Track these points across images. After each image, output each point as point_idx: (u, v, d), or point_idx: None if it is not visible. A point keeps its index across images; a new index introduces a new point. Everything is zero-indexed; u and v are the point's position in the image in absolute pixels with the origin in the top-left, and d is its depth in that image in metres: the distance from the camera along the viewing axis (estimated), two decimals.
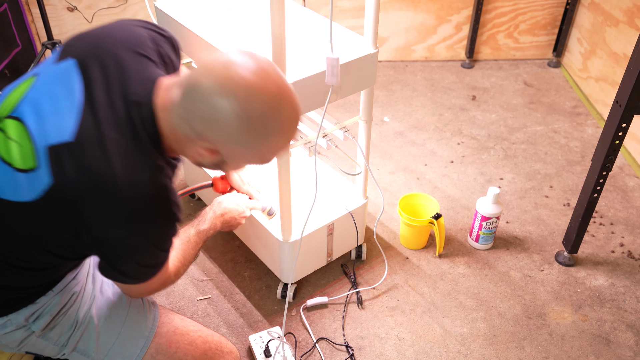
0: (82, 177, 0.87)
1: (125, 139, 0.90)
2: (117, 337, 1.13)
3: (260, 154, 0.94)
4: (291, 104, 0.90)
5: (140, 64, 0.96)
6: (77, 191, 0.88)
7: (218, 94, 0.85)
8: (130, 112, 0.91)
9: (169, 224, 0.98)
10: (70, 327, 1.10)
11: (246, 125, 0.86)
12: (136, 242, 0.94)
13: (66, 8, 2.73)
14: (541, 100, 2.65)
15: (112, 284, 1.19)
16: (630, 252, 1.85)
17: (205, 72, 0.87)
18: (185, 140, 0.93)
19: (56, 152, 0.88)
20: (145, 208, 0.91)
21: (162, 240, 1.00)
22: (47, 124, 0.90)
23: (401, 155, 2.29)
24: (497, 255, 1.84)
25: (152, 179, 0.92)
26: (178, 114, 0.90)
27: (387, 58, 2.95)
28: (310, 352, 1.54)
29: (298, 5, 1.62)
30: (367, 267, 1.79)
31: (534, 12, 2.81)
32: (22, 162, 0.91)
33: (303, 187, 1.71)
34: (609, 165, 1.58)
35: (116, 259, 0.97)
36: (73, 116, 0.89)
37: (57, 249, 0.97)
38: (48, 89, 0.94)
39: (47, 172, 0.88)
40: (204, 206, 1.97)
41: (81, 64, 0.94)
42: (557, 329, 1.61)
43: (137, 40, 1.00)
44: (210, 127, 0.87)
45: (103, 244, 0.93)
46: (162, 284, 1.11)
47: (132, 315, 1.16)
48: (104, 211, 0.89)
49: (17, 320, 1.04)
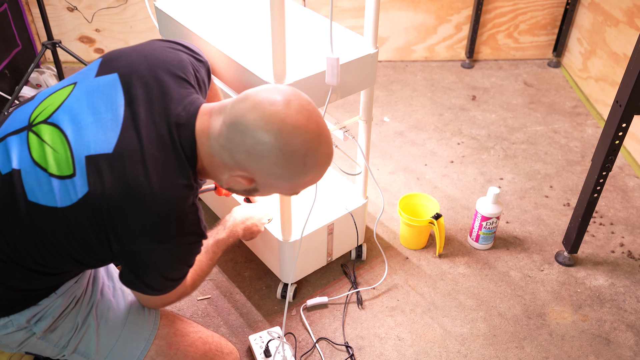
0: (119, 189, 0.90)
1: (165, 157, 0.93)
2: (117, 340, 1.13)
3: (293, 187, 0.98)
4: (328, 143, 0.96)
5: (181, 88, 1.01)
6: (112, 202, 0.90)
7: (263, 129, 0.89)
8: (171, 132, 0.95)
9: (197, 242, 1.01)
10: (71, 329, 1.10)
11: (287, 160, 0.91)
12: (165, 257, 0.97)
13: (66, 8, 2.73)
14: (541, 100, 2.65)
15: (112, 286, 1.19)
16: (630, 252, 1.85)
17: (252, 108, 0.91)
18: (222, 167, 0.96)
19: (95, 162, 0.91)
20: (177, 225, 0.94)
21: (189, 256, 1.04)
22: (87, 134, 0.92)
23: (401, 155, 2.29)
24: (497, 255, 1.84)
25: (186, 197, 0.95)
26: (219, 143, 0.94)
27: (387, 58, 2.95)
28: (310, 352, 1.54)
29: (298, 5, 1.62)
30: (367, 267, 1.79)
31: (534, 12, 2.81)
32: (57, 168, 0.92)
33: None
34: (609, 165, 1.58)
35: (143, 271, 0.99)
36: (115, 130, 0.92)
37: (81, 256, 0.98)
38: (88, 100, 0.96)
39: (83, 181, 0.90)
40: (204, 206, 1.97)
41: (124, 81, 0.97)
42: (557, 329, 1.61)
43: (180, 65, 1.05)
44: (252, 159, 0.92)
45: (132, 255, 0.96)
46: (179, 296, 1.14)
47: (133, 317, 1.16)
48: (138, 224, 0.91)
49: (18, 322, 1.05)
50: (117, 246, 0.93)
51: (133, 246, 0.93)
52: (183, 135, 0.95)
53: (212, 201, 1.89)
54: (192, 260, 1.06)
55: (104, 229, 0.92)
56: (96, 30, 2.82)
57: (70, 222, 0.92)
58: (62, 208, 0.92)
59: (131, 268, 1.00)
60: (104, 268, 1.23)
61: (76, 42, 2.84)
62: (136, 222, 0.91)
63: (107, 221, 0.91)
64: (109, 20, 2.79)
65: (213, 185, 1.52)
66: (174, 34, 1.56)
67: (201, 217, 1.01)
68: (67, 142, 0.93)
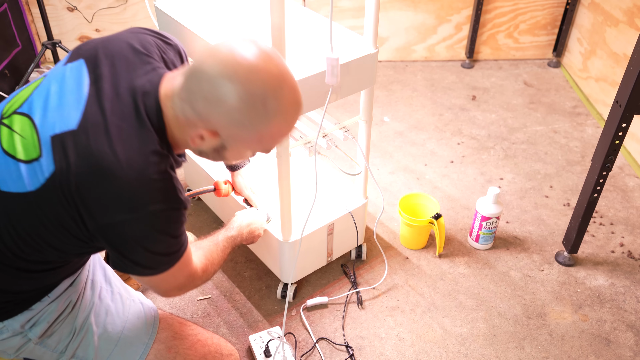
0: (84, 162, 0.89)
1: (129, 126, 0.92)
2: (116, 344, 1.13)
3: (259, 137, 0.93)
4: (292, 88, 0.92)
5: (146, 63, 1.00)
6: (78, 176, 0.89)
7: (220, 73, 0.87)
8: (136, 102, 0.94)
9: (173, 209, 0.97)
10: (68, 334, 1.09)
11: (246, 104, 0.88)
12: (141, 227, 0.93)
13: (66, 8, 2.73)
14: (541, 100, 2.65)
15: (110, 290, 1.18)
16: (630, 252, 1.85)
17: (209, 55, 0.90)
18: (187, 125, 0.94)
19: (60, 140, 0.90)
20: (147, 192, 0.91)
21: (168, 225, 0.98)
22: (53, 116, 0.92)
23: (401, 155, 2.29)
24: (497, 255, 1.84)
25: (154, 162, 0.93)
26: (180, 97, 0.92)
27: (387, 58, 2.95)
28: (310, 352, 1.54)
29: (298, 5, 1.62)
30: (367, 267, 1.79)
31: (534, 12, 2.81)
32: (24, 153, 0.92)
33: (303, 187, 1.71)
34: (609, 165, 1.58)
35: (124, 247, 0.96)
36: (79, 107, 0.92)
37: (59, 241, 0.96)
38: (55, 86, 0.96)
39: (50, 160, 0.90)
40: (204, 206, 1.98)
41: (90, 62, 0.98)
42: (557, 329, 1.61)
43: (144, 45, 1.04)
44: (212, 106, 0.89)
45: (108, 230, 0.92)
46: (188, 277, 1.09)
47: (131, 321, 1.15)
48: (106, 195, 0.89)
49: (12, 327, 1.04)
50: (91, 221, 0.91)
51: (106, 219, 0.91)
52: (148, 103, 0.94)
53: (212, 202, 1.89)
54: (174, 231, 1.00)
55: (75, 206, 0.90)
56: (96, 30, 2.82)
57: (42, 205, 0.91)
58: (32, 192, 0.91)
59: (113, 246, 0.96)
60: (102, 272, 1.21)
61: (76, 42, 2.84)
62: (105, 193, 0.89)
63: (76, 197, 0.89)
64: (109, 20, 2.79)
65: (212, 187, 1.53)
66: (174, 34, 1.56)
67: (177, 186, 0.97)
68: (34, 127, 0.93)
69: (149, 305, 1.21)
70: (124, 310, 1.16)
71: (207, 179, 1.76)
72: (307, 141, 1.45)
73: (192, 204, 2.01)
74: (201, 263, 1.16)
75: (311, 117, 1.54)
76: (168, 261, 1.02)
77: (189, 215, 1.96)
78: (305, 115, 1.53)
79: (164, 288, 1.09)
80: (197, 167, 1.82)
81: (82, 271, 1.15)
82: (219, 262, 1.26)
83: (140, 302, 1.21)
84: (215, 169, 1.75)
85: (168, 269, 1.02)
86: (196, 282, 1.14)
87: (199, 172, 1.82)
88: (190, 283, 1.12)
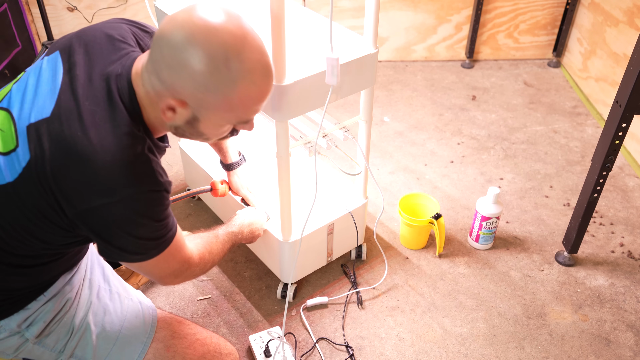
0: (58, 148, 0.89)
1: (102, 109, 0.91)
2: (114, 343, 1.13)
3: (228, 103, 0.90)
4: (256, 47, 0.89)
5: (122, 50, 0.99)
6: (53, 162, 0.89)
7: (180, 38, 0.85)
8: (109, 85, 0.93)
9: (152, 191, 0.95)
10: (66, 333, 1.09)
11: (209, 67, 0.86)
12: (121, 211, 0.91)
13: (66, 8, 2.73)
14: (541, 100, 2.65)
15: (109, 289, 1.18)
16: (630, 252, 1.85)
17: (169, 21, 0.88)
18: (157, 98, 0.92)
19: (35, 129, 0.90)
20: (123, 174, 0.90)
21: (149, 208, 0.95)
22: (28, 107, 0.93)
23: (401, 155, 2.29)
24: (497, 255, 1.84)
25: (128, 145, 0.91)
26: (147, 70, 0.91)
27: (387, 58, 2.95)
28: (310, 352, 1.54)
29: (298, 5, 1.62)
30: (367, 267, 1.79)
31: (534, 12, 2.81)
32: (3, 146, 0.93)
33: (303, 187, 1.71)
34: (609, 165, 1.58)
35: (107, 233, 0.94)
36: (53, 97, 0.92)
37: (42, 231, 0.95)
38: (33, 79, 0.97)
39: (25, 149, 0.90)
40: (204, 206, 1.98)
41: (65, 52, 0.98)
42: (557, 329, 1.61)
43: (119, 33, 1.03)
44: (176, 73, 0.87)
45: (89, 216, 0.91)
46: (182, 263, 1.08)
47: (130, 320, 1.15)
48: (82, 180, 0.89)
49: (9, 327, 1.03)
50: (70, 208, 0.90)
51: (84, 204, 0.90)
52: (120, 85, 0.94)
53: (212, 202, 1.89)
54: (158, 215, 0.97)
55: (52, 193, 0.90)
56: None
57: (21, 195, 0.91)
58: (11, 182, 0.91)
59: (96, 233, 0.94)
60: (100, 271, 1.20)
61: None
62: (80, 178, 0.88)
63: (52, 183, 0.89)
64: None
65: (209, 187, 1.53)
66: None
67: (157, 169, 0.95)
68: (12, 120, 0.93)
69: (147, 304, 1.21)
70: (122, 310, 1.16)
71: (206, 178, 1.76)
72: (307, 141, 1.45)
73: (192, 204, 2.01)
74: (198, 251, 1.14)
75: (311, 117, 1.55)
76: (156, 246, 1.00)
77: (189, 215, 1.96)
78: (305, 115, 1.53)
79: (158, 274, 1.07)
80: (196, 167, 1.82)
81: (78, 269, 1.14)
82: (219, 254, 1.24)
83: (139, 301, 1.20)
84: (215, 169, 1.75)
85: (158, 254, 1.00)
86: (193, 269, 1.12)
87: (198, 171, 1.82)
88: (187, 270, 1.10)
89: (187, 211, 1.97)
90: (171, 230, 1.02)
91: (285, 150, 1.34)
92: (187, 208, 1.99)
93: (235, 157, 1.55)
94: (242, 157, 1.56)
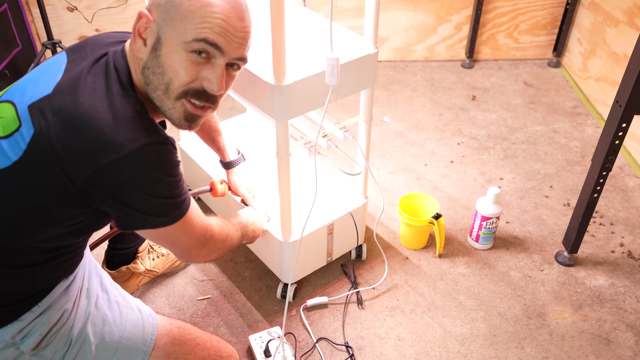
0: (61, 116, 0.90)
1: (101, 80, 0.95)
2: (114, 353, 1.11)
3: (184, 12, 0.93)
4: None
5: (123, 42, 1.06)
6: (57, 129, 0.90)
7: None
8: (107, 59, 0.98)
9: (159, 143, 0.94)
10: (64, 345, 1.07)
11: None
12: (131, 166, 0.91)
13: (66, 8, 2.73)
14: (541, 100, 2.65)
15: (107, 299, 1.16)
16: (630, 252, 1.85)
17: None
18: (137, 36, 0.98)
19: (37, 106, 0.92)
20: (127, 129, 0.91)
21: (160, 162, 0.95)
22: (29, 92, 0.95)
23: (401, 155, 2.29)
24: (497, 255, 1.84)
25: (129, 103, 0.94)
26: None
27: (387, 58, 2.95)
28: (310, 352, 1.54)
29: (298, 5, 1.62)
30: (367, 267, 1.79)
31: (534, 12, 2.81)
32: (3, 130, 0.94)
33: (303, 187, 1.71)
34: (609, 165, 1.58)
35: (122, 194, 0.93)
36: (55, 79, 0.95)
37: (48, 213, 0.94)
38: (36, 74, 1.00)
39: (29, 125, 0.91)
40: (204, 206, 1.97)
41: (71, 50, 1.03)
42: (557, 329, 1.61)
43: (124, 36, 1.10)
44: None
45: (99, 178, 0.90)
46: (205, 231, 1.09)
47: (129, 329, 1.14)
48: (88, 139, 0.89)
49: (3, 338, 1.01)
50: (80, 173, 0.90)
51: (94, 165, 0.89)
52: (116, 58, 0.99)
53: (212, 202, 1.89)
54: (171, 170, 0.97)
55: (59, 162, 0.90)
56: (96, 30, 2.82)
57: (27, 172, 0.92)
58: (17, 161, 0.92)
59: (109, 195, 0.92)
60: (98, 280, 1.18)
61: (76, 42, 2.84)
62: (86, 139, 0.89)
63: (59, 151, 0.89)
64: (109, 20, 2.79)
65: (209, 187, 1.53)
66: None
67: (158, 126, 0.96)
68: (14, 106, 0.95)
69: (147, 311, 1.20)
70: (122, 319, 1.14)
71: (205, 178, 1.76)
72: (307, 141, 1.45)
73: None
74: (215, 222, 1.16)
75: (311, 117, 1.55)
76: (177, 206, 0.99)
77: None
78: (305, 115, 1.53)
79: (185, 244, 1.07)
80: (196, 167, 1.82)
81: (75, 279, 1.12)
82: (234, 232, 1.26)
83: (139, 309, 1.19)
84: (215, 169, 1.76)
85: (180, 216, 1.00)
86: (215, 240, 1.13)
87: (198, 172, 1.82)
88: (210, 239, 1.11)
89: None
90: (186, 193, 1.03)
91: (285, 150, 1.34)
92: None
93: (234, 155, 1.55)
94: (241, 155, 1.56)
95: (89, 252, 1.22)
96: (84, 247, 1.12)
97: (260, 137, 1.93)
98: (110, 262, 1.61)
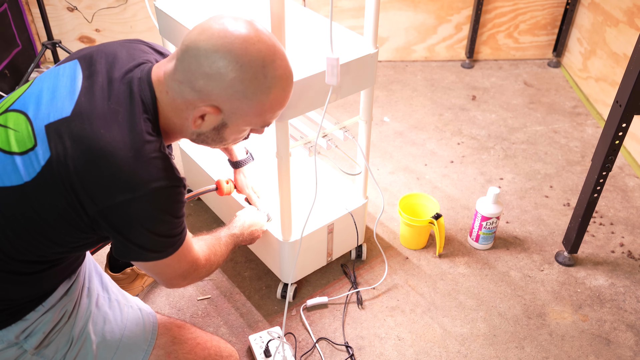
0: (80, 145, 0.89)
1: (124, 109, 0.94)
2: (115, 352, 1.12)
3: (260, 108, 0.97)
4: (284, 56, 0.97)
5: (140, 59, 1.03)
6: (76, 160, 0.89)
7: (218, 48, 0.90)
8: (131, 87, 0.96)
9: (173, 187, 0.96)
10: (65, 344, 1.07)
11: (246, 72, 0.92)
12: (143, 207, 0.93)
13: (66, 8, 2.73)
14: (541, 100, 2.65)
15: (108, 298, 1.17)
16: (630, 252, 1.85)
17: (201, 32, 0.93)
18: (186, 107, 0.96)
19: (55, 128, 0.91)
20: (146, 169, 0.92)
21: (170, 204, 0.97)
22: (46, 108, 0.93)
23: (401, 155, 2.29)
24: (497, 255, 1.84)
25: (150, 141, 0.93)
26: (176, 79, 0.94)
27: (387, 58, 2.95)
28: (310, 352, 1.54)
29: (298, 5, 1.62)
30: (367, 267, 1.79)
31: (534, 12, 2.81)
32: (18, 145, 0.92)
33: (303, 187, 1.71)
34: (609, 165, 1.58)
35: (128, 230, 0.95)
36: (73, 97, 0.93)
37: (57, 233, 0.95)
38: (49, 83, 0.97)
39: (45, 148, 0.90)
40: (204, 206, 1.98)
41: (85, 61, 0.99)
42: (557, 329, 1.61)
43: (139, 48, 1.07)
44: (212, 81, 0.92)
45: (110, 213, 0.92)
46: (191, 264, 1.09)
47: (130, 328, 1.14)
48: (105, 177, 0.89)
49: (7, 338, 1.02)
50: (92, 206, 0.90)
51: (108, 201, 0.90)
52: (142, 87, 0.96)
53: (212, 202, 1.89)
54: (177, 211, 0.99)
55: (73, 191, 0.90)
56: (96, 30, 2.82)
57: (38, 195, 0.91)
58: (29, 182, 0.91)
59: (117, 230, 0.94)
60: (98, 279, 1.19)
61: (76, 42, 2.84)
62: (104, 174, 0.89)
63: (75, 180, 0.89)
64: (109, 20, 2.79)
65: (214, 186, 1.53)
66: (174, 34, 1.56)
67: (174, 166, 0.98)
68: (28, 120, 0.94)
69: (147, 310, 1.20)
70: (122, 317, 1.15)
71: (206, 179, 1.76)
72: (307, 141, 1.45)
73: (192, 204, 2.01)
74: (203, 252, 1.16)
75: (311, 117, 1.54)
76: (172, 244, 1.02)
77: (189, 215, 1.96)
78: (305, 115, 1.53)
79: (169, 275, 1.08)
80: (197, 168, 1.82)
81: (77, 278, 1.13)
82: (222, 255, 1.26)
83: (139, 308, 1.19)
84: (215, 169, 1.75)
85: (173, 252, 1.02)
86: (199, 271, 1.13)
87: (199, 172, 1.82)
88: (194, 272, 1.11)
89: (187, 211, 1.97)
90: (185, 229, 1.04)
91: (285, 150, 1.34)
92: (187, 208, 1.99)
93: (242, 154, 1.55)
94: (249, 155, 1.57)
95: (88, 252, 1.23)
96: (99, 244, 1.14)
97: (260, 137, 1.92)
98: (113, 265, 1.61)
